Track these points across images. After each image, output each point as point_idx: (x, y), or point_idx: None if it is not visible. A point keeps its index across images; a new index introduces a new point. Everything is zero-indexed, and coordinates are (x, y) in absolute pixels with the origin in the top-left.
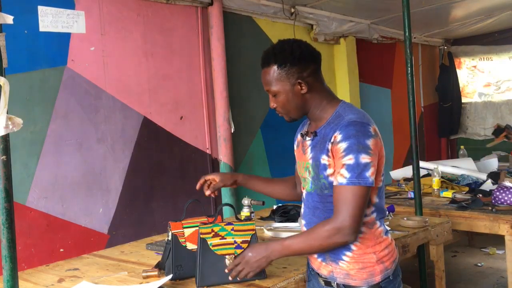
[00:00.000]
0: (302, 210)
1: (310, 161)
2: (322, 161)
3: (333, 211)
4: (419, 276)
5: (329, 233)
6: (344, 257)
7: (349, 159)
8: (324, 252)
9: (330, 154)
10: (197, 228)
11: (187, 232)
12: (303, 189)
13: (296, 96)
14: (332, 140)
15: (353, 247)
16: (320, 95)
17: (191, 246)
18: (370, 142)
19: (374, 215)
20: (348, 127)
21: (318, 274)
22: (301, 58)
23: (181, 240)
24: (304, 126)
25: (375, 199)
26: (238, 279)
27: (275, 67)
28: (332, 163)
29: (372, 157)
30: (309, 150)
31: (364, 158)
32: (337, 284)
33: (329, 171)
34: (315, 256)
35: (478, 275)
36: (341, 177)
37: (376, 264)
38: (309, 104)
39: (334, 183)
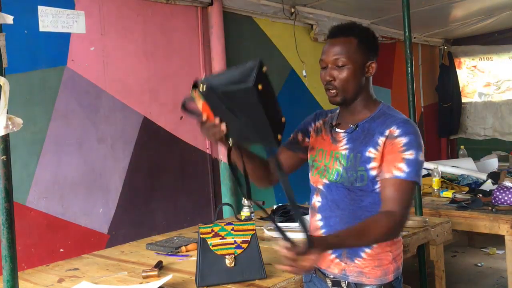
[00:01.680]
0: (316, 202)
1: (345, 152)
2: (367, 154)
3: (385, 204)
4: (419, 276)
5: (389, 229)
6: (362, 254)
7: (410, 154)
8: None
9: (379, 148)
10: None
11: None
12: (317, 178)
13: (360, 76)
14: (387, 134)
15: (374, 244)
16: (370, 87)
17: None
18: (423, 144)
19: None
20: (406, 124)
21: (325, 274)
22: (377, 45)
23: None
24: (332, 117)
25: None
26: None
27: (354, 40)
28: (378, 157)
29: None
30: (344, 141)
31: (422, 157)
32: (348, 283)
33: (373, 164)
34: (329, 251)
35: (478, 275)
36: (398, 171)
37: (390, 263)
38: (362, 90)
39: (387, 176)
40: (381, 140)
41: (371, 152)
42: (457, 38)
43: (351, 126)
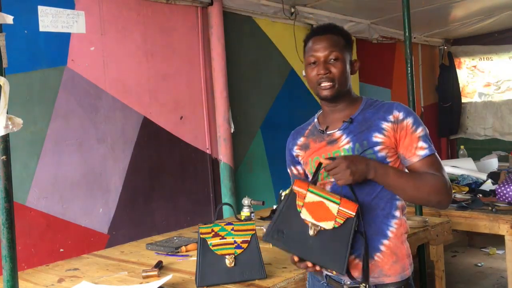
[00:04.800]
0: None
1: (349, 145)
2: (374, 139)
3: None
4: (419, 276)
5: (437, 187)
6: (381, 247)
7: (421, 131)
8: (416, 202)
9: (386, 132)
10: (323, 199)
11: (310, 198)
12: (323, 182)
13: (348, 70)
14: (392, 120)
15: (389, 233)
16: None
17: (305, 215)
18: None
19: (403, 201)
20: (402, 106)
21: (340, 282)
22: (352, 46)
23: (299, 202)
24: (313, 126)
25: None
26: (332, 177)
27: (341, 38)
28: (385, 140)
29: None
30: (343, 137)
31: (426, 128)
32: (368, 286)
33: (380, 146)
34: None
35: (478, 275)
36: (420, 150)
37: (406, 257)
38: (350, 87)
39: (415, 160)
40: (386, 125)
41: (377, 137)
42: (457, 38)
43: (344, 122)
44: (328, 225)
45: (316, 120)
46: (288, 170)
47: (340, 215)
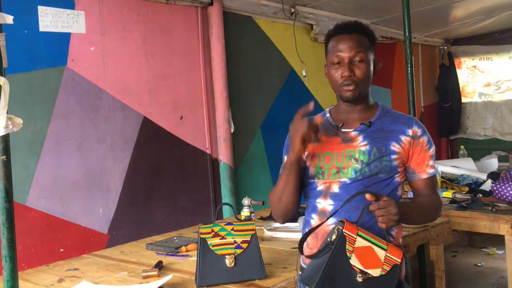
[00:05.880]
0: (327, 206)
1: (365, 148)
2: (392, 148)
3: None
4: (419, 276)
5: (437, 208)
6: None
7: (433, 151)
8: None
9: (403, 144)
10: (372, 245)
11: (359, 242)
12: (330, 181)
13: (372, 72)
14: (411, 134)
15: (389, 238)
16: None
17: (355, 261)
18: None
19: None
20: (420, 123)
21: None
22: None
23: (349, 248)
24: (325, 120)
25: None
26: (381, 222)
27: (365, 38)
28: (401, 151)
29: None
30: (360, 138)
31: None
32: None
33: (396, 155)
34: None
35: (478, 275)
36: (430, 168)
37: (402, 261)
38: (369, 88)
39: (424, 176)
40: (404, 138)
41: (395, 146)
42: (457, 38)
43: (362, 124)
44: (375, 272)
45: (328, 114)
46: (285, 157)
47: (387, 261)
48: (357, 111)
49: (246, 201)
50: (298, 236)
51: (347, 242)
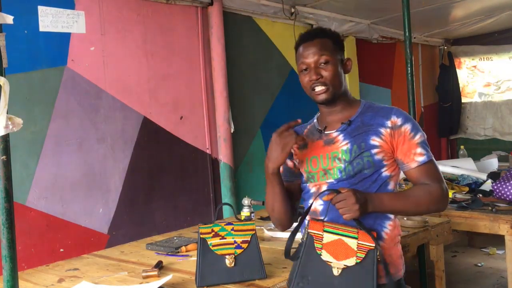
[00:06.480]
0: (318, 206)
1: (346, 147)
2: (371, 142)
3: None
4: (419, 276)
5: (435, 198)
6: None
7: (419, 137)
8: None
9: (383, 137)
10: (341, 236)
11: (327, 238)
12: (319, 183)
13: (341, 71)
14: (390, 125)
15: (384, 235)
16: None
17: (326, 257)
18: None
19: None
20: (400, 111)
21: None
22: (343, 46)
23: (317, 245)
24: (312, 126)
25: (397, 187)
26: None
27: (329, 40)
28: (382, 144)
29: None
30: (341, 138)
31: (425, 135)
32: None
33: (377, 149)
34: None
35: (478, 275)
36: (419, 156)
37: (399, 258)
38: (345, 88)
39: (413, 165)
40: (384, 130)
41: (375, 140)
42: (457, 38)
43: (343, 124)
44: (350, 261)
45: (315, 120)
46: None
47: (361, 249)
48: (337, 112)
49: (246, 201)
50: (298, 236)
51: (314, 241)
